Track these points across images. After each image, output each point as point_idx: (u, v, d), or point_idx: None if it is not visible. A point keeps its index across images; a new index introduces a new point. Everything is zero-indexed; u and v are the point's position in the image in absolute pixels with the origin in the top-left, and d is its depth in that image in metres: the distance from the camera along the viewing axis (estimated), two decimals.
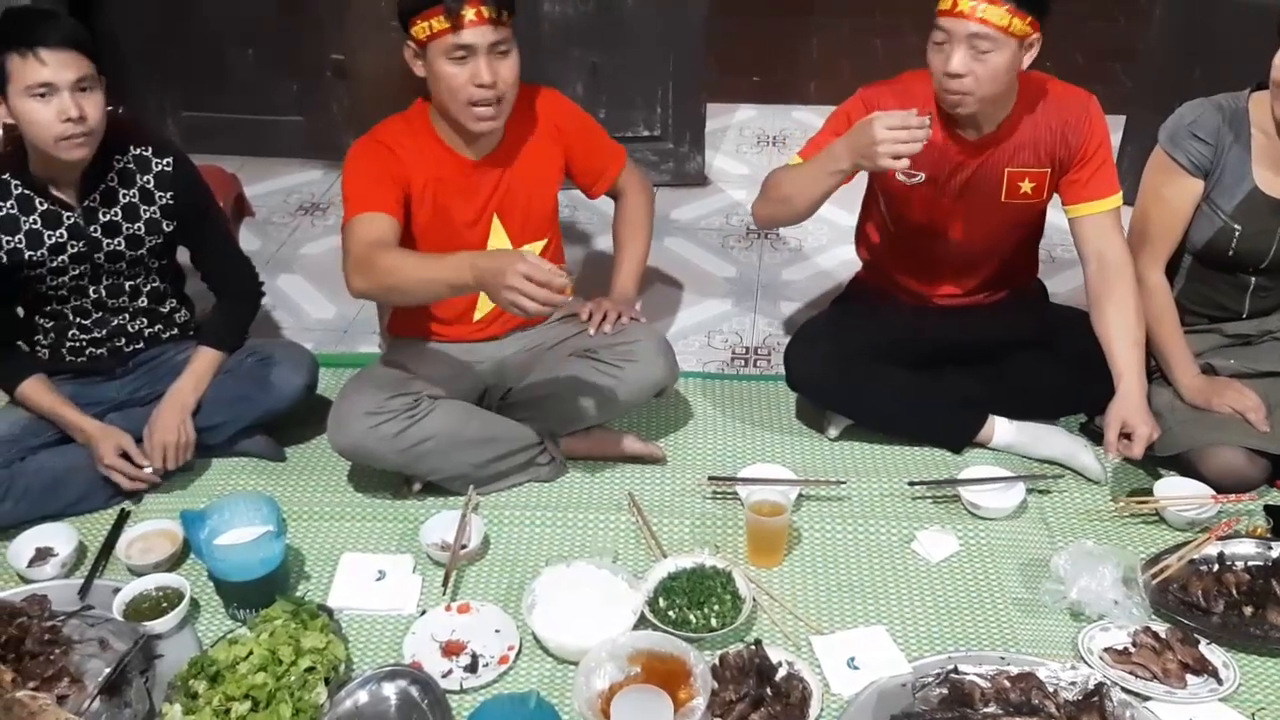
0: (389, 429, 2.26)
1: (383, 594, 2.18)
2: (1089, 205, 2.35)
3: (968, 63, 2.14)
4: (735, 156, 3.99)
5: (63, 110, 2.10)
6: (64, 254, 2.29)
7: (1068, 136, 2.31)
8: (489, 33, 2.14)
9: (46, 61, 2.08)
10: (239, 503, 2.23)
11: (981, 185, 2.36)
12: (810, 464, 2.51)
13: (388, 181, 2.24)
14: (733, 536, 2.31)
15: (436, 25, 2.13)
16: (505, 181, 2.35)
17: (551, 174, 2.44)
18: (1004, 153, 2.32)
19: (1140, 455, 2.26)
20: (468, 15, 2.11)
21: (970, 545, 2.28)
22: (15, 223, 2.24)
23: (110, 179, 2.29)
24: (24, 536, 2.27)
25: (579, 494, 2.45)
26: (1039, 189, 2.37)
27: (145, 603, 2.12)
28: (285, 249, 3.47)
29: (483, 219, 2.35)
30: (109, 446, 2.34)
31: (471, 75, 2.16)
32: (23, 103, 2.10)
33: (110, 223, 2.31)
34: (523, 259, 1.92)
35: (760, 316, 3.10)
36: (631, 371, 2.40)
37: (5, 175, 2.24)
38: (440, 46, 2.15)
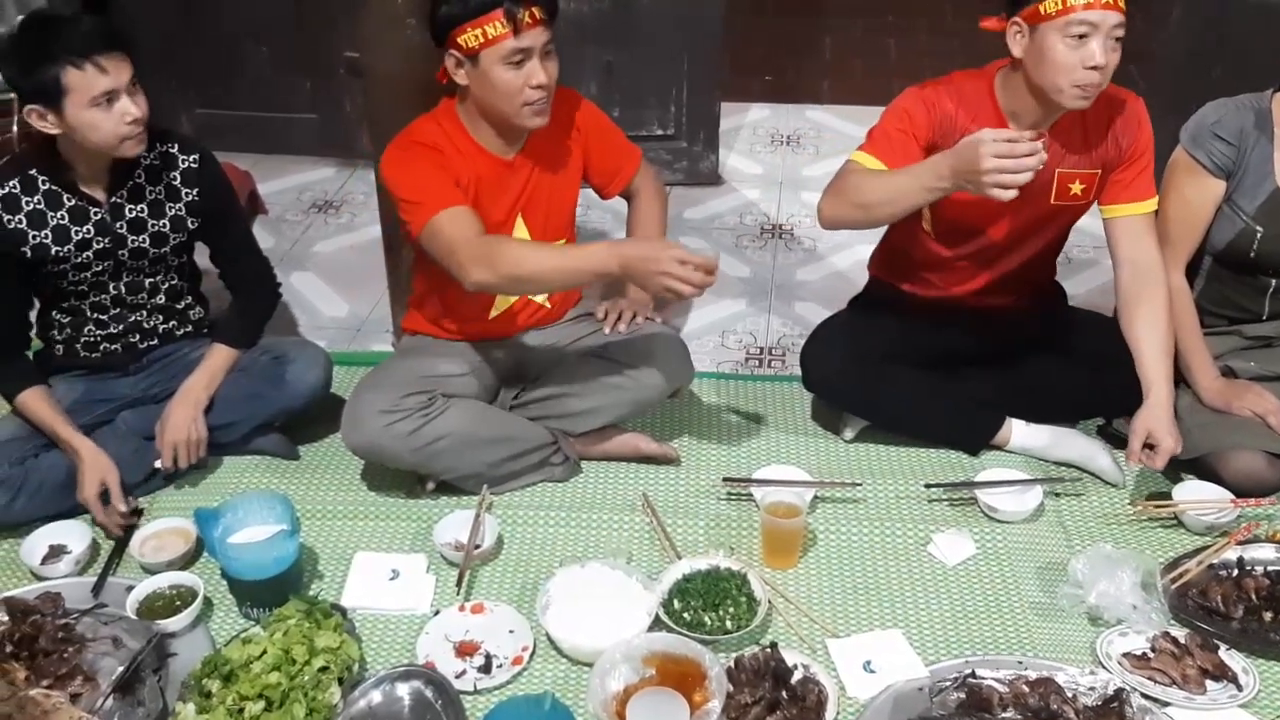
0: (403, 427, 2.26)
1: (396, 593, 2.18)
2: (1127, 207, 2.33)
3: (1106, 54, 2.08)
4: (749, 156, 3.98)
5: (125, 113, 2.12)
6: (89, 250, 2.28)
7: (1119, 137, 2.29)
8: (542, 34, 2.15)
9: (107, 69, 2.08)
10: (253, 501, 2.23)
11: (1032, 185, 2.26)
12: (825, 466, 2.50)
13: (448, 177, 2.23)
14: (747, 538, 2.29)
15: (493, 31, 2.11)
16: (532, 181, 2.35)
17: (573, 174, 2.43)
18: (1055, 154, 2.26)
19: (1162, 467, 2.25)
20: (524, 19, 2.11)
21: (987, 548, 2.27)
22: (42, 218, 2.23)
23: (138, 175, 2.29)
24: (37, 534, 2.27)
25: (592, 494, 2.44)
26: (1088, 190, 2.34)
27: (158, 601, 2.11)
28: (298, 247, 3.47)
29: (510, 218, 2.34)
30: (93, 479, 2.26)
31: (527, 77, 2.15)
32: (84, 113, 2.10)
33: (136, 219, 2.31)
34: (674, 245, 2.03)
35: (774, 317, 3.09)
36: (646, 372, 2.39)
37: (32, 171, 2.24)
38: (498, 52, 2.13)
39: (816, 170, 3.85)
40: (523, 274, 2.13)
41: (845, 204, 2.23)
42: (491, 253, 2.12)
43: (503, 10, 2.10)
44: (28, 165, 2.25)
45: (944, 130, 2.24)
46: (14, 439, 2.32)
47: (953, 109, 2.24)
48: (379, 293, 3.08)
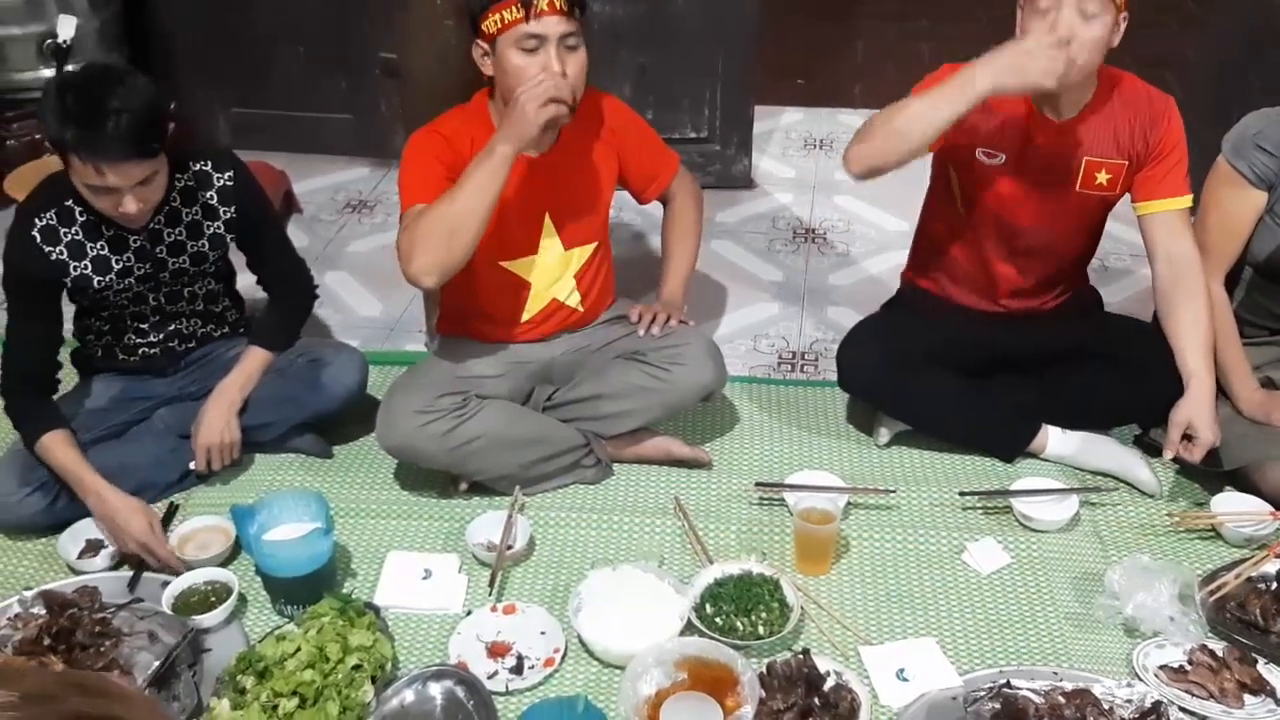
0: (438, 428, 2.26)
1: (428, 593, 2.18)
2: (1162, 203, 2.31)
3: (1078, 24, 2.07)
4: (782, 159, 3.97)
5: (120, 204, 2.08)
6: (130, 277, 2.28)
7: (1147, 132, 2.27)
8: (560, 23, 2.13)
9: (106, 173, 2.03)
10: (288, 499, 2.24)
11: (1059, 170, 2.32)
12: (858, 472, 2.49)
13: (442, 171, 2.23)
14: (779, 543, 2.29)
15: (509, 16, 2.12)
16: (560, 181, 2.34)
17: (606, 178, 2.43)
18: (1083, 139, 2.28)
19: (1198, 459, 2.22)
20: (540, 4, 2.11)
21: (1022, 557, 2.25)
22: (82, 249, 2.23)
23: (173, 199, 2.27)
24: (74, 528, 2.29)
25: (624, 497, 2.43)
26: (1114, 182, 2.32)
27: (194, 596, 2.13)
28: (332, 246, 3.48)
29: (535, 217, 2.34)
30: (139, 525, 2.17)
31: (542, 65, 2.14)
32: (81, 187, 2.10)
33: (175, 243, 2.30)
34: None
35: (807, 321, 3.08)
36: (679, 375, 2.39)
37: (68, 202, 2.20)
38: (511, 37, 2.13)
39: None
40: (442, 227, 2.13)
41: (872, 136, 2.16)
42: (413, 229, 2.15)
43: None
44: (63, 195, 2.20)
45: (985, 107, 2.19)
46: None
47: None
48: (412, 293, 3.09)
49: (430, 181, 2.22)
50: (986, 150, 2.33)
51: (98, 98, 2.00)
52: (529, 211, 2.33)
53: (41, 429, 2.26)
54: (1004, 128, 2.30)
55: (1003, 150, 2.31)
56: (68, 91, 2.03)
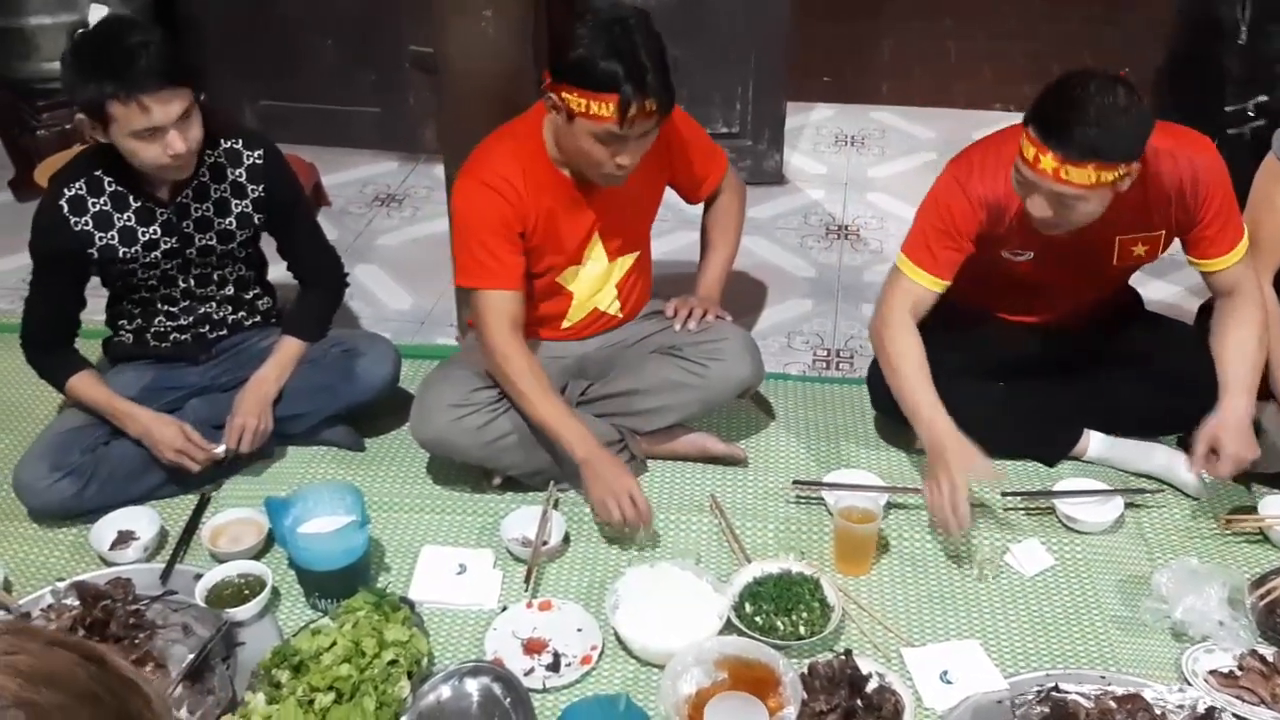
0: (472, 422, 2.24)
1: (464, 588, 2.16)
2: (1219, 261, 2.21)
3: (1051, 211, 2.01)
4: (813, 155, 3.93)
5: (168, 146, 2.07)
6: (156, 250, 2.27)
7: (1184, 201, 2.15)
8: (646, 125, 2.06)
9: (150, 108, 2.02)
10: (323, 491, 2.22)
11: (1092, 254, 2.24)
12: (897, 471, 2.45)
13: (509, 240, 2.19)
14: (818, 542, 2.25)
15: (598, 110, 2.02)
16: (612, 203, 2.29)
17: (656, 193, 2.40)
18: (1113, 223, 2.13)
19: (1227, 474, 2.18)
20: (634, 110, 2.01)
21: (1066, 559, 2.21)
22: (109, 220, 2.22)
23: (202, 174, 2.26)
24: (106, 519, 2.27)
25: (660, 494, 2.40)
26: (1153, 250, 2.26)
27: (227, 589, 2.11)
28: (362, 239, 3.46)
29: (585, 232, 2.30)
30: (174, 431, 2.29)
31: (613, 155, 2.09)
32: (127, 141, 2.07)
33: (202, 218, 2.29)
34: (636, 488, 2.18)
35: (842, 319, 3.04)
36: (717, 370, 2.35)
37: (98, 172, 2.21)
38: (593, 129, 2.05)
39: (882, 171, 3.80)
40: (513, 397, 2.25)
41: (881, 361, 2.30)
42: (507, 366, 2.21)
43: (619, 97, 2.00)
44: (94, 165, 2.21)
45: (989, 217, 2.18)
46: (84, 426, 2.33)
47: (993, 192, 2.15)
48: (442, 287, 3.07)
49: (502, 264, 2.18)
50: (1012, 250, 2.25)
51: (120, 40, 2.03)
52: (579, 227, 2.29)
53: (68, 372, 2.32)
54: (1024, 228, 2.16)
55: (1029, 249, 2.23)
56: (87, 47, 2.05)
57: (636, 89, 2.00)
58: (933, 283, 2.23)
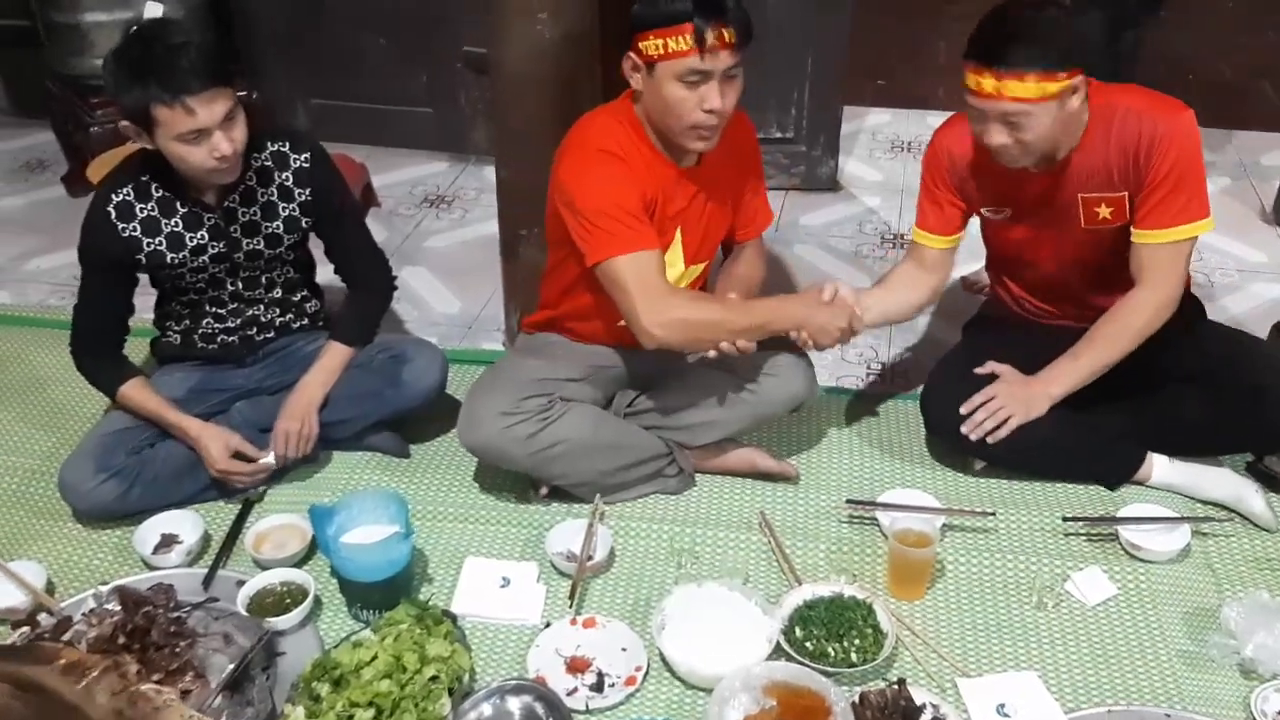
0: (522, 430, 2.20)
1: (506, 602, 2.12)
2: (1148, 234, 2.17)
3: (1006, 134, 2.06)
4: (868, 162, 3.86)
5: (214, 148, 2.05)
6: (204, 255, 2.26)
7: (1139, 159, 2.12)
8: (728, 58, 2.02)
9: (195, 110, 2.01)
10: (368, 500, 2.18)
11: (1060, 212, 2.24)
12: (953, 492, 2.38)
13: (639, 202, 2.11)
14: (870, 565, 2.19)
15: (675, 45, 1.99)
16: (700, 197, 2.24)
17: (733, 201, 2.35)
18: (1074, 179, 2.19)
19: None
20: (710, 39, 1.98)
21: (1129, 589, 2.13)
22: (156, 225, 2.21)
23: (249, 178, 2.25)
24: (150, 522, 2.26)
25: (708, 510, 2.35)
26: (1118, 213, 2.20)
27: (269, 598, 2.08)
28: (410, 241, 3.44)
29: (669, 228, 2.24)
30: (220, 448, 2.28)
31: (700, 100, 2.04)
32: (173, 145, 2.06)
33: (250, 222, 2.27)
34: (850, 311, 2.23)
35: (897, 332, 2.96)
36: (770, 385, 2.30)
37: (145, 177, 2.20)
38: (675, 68, 2.01)
39: None
40: (715, 335, 2.14)
41: None
42: (689, 320, 2.10)
43: (692, 25, 1.97)
44: (141, 171, 2.20)
45: (960, 173, 2.30)
46: (130, 428, 2.32)
47: (964, 149, 2.27)
48: (490, 291, 3.04)
49: (636, 224, 2.08)
50: (990, 209, 2.32)
51: (162, 42, 2.02)
52: (666, 221, 2.23)
53: (119, 380, 2.31)
54: (996, 185, 2.27)
55: (1006, 205, 2.29)
56: (128, 52, 2.04)
57: (710, 15, 1.98)
58: (926, 237, 2.39)
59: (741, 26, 2.02)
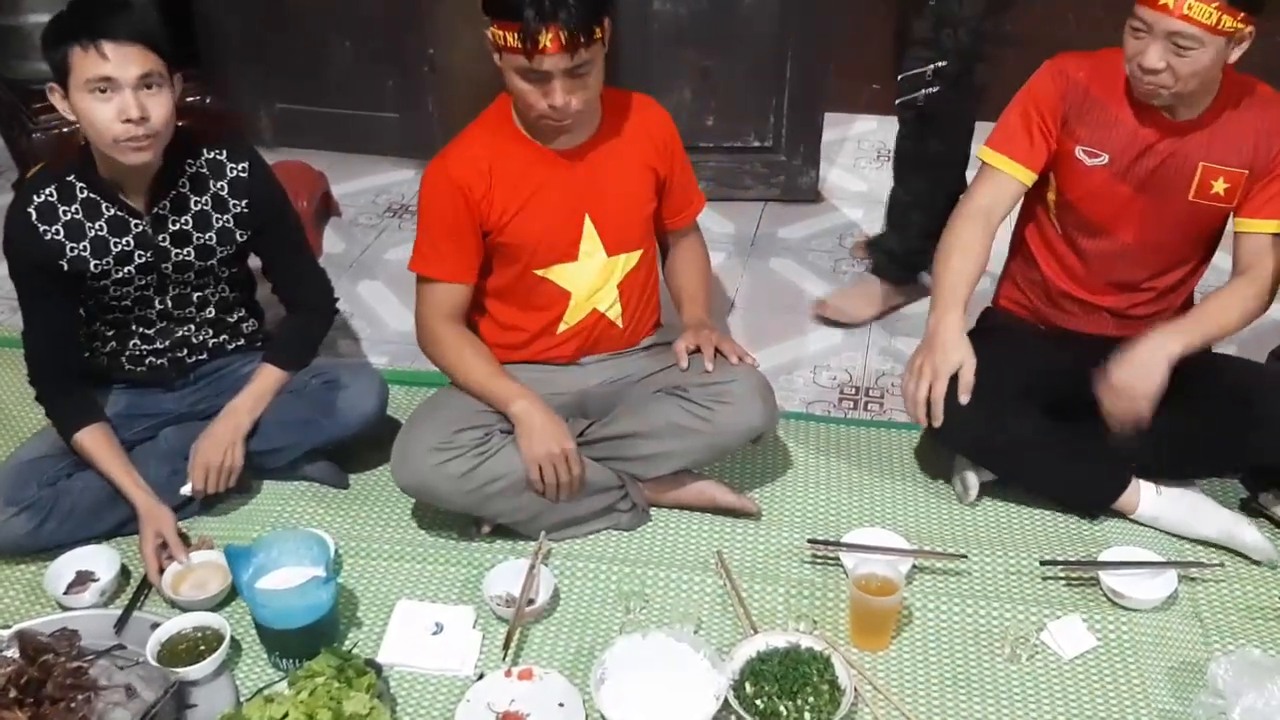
0: (456, 467, 2.06)
1: (438, 651, 1.97)
2: (1264, 223, 2.09)
3: (1166, 57, 1.92)
4: (852, 171, 3.70)
5: (123, 109, 1.92)
6: (130, 264, 2.12)
7: (1272, 141, 2.05)
8: (563, 60, 1.89)
9: (109, 56, 1.90)
10: (289, 540, 2.03)
11: (1171, 176, 2.09)
12: (925, 529, 2.22)
13: (461, 235, 2.11)
14: (833, 610, 2.04)
15: (510, 40, 1.90)
16: (601, 180, 2.13)
17: (647, 186, 2.21)
18: (1201, 143, 2.07)
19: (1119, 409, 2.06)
20: (544, 41, 1.86)
21: (1110, 640, 1.98)
22: (80, 229, 2.07)
23: (181, 184, 2.11)
24: (65, 558, 2.11)
25: (661, 548, 2.20)
26: (1232, 192, 2.09)
27: (182, 644, 1.94)
28: (369, 253, 3.30)
29: (575, 219, 2.14)
30: (149, 532, 2.10)
31: (544, 94, 1.95)
32: (82, 98, 1.93)
33: (180, 231, 2.14)
34: (574, 451, 2.11)
35: (873, 352, 2.81)
36: (724, 414, 2.14)
37: (70, 177, 2.07)
38: (512, 62, 1.93)
39: None
40: (449, 374, 2.21)
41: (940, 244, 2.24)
42: (439, 345, 2.20)
43: (519, 26, 1.86)
44: (66, 171, 2.08)
45: (1074, 99, 2.13)
46: (45, 457, 2.17)
47: (1085, 77, 2.12)
48: None
49: (448, 252, 2.13)
50: (1088, 149, 2.14)
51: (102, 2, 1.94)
52: (568, 212, 2.13)
53: (77, 423, 2.16)
54: (1109, 123, 2.11)
55: (1106, 149, 2.12)
56: (68, 8, 1.96)
57: (539, 16, 1.84)
58: (1016, 169, 2.18)
59: (580, 25, 1.87)
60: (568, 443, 2.09)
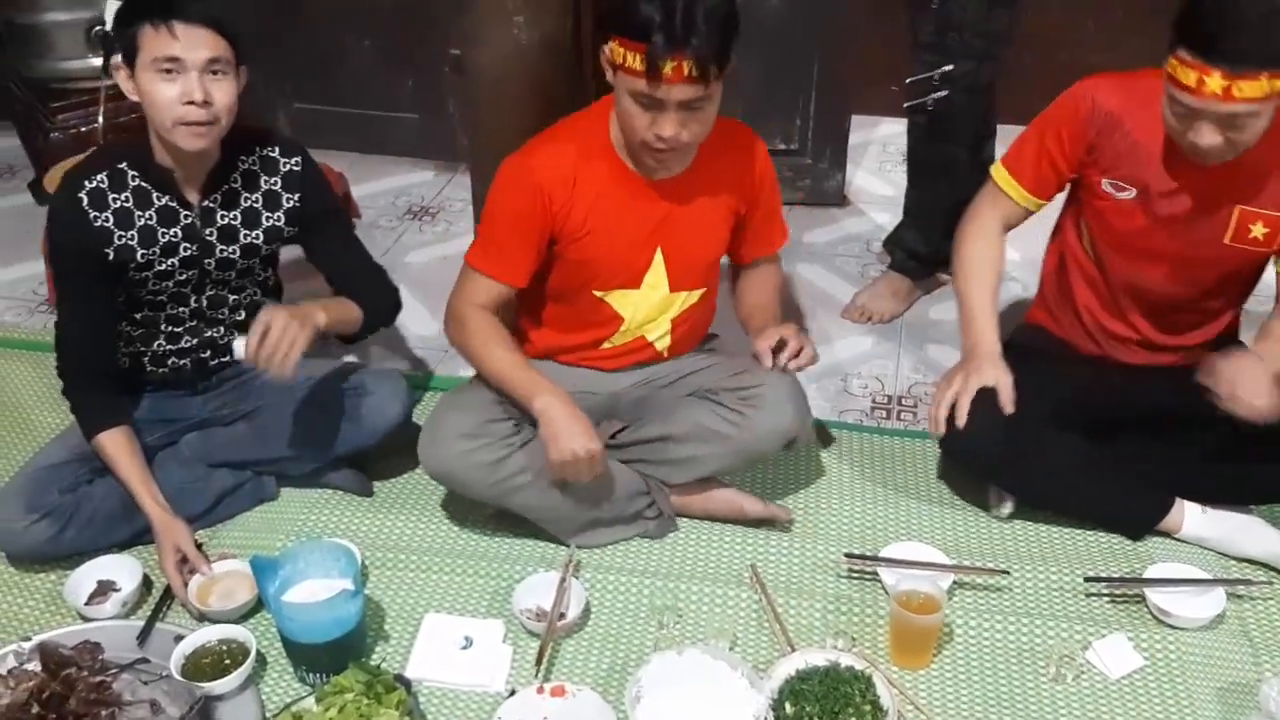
0: (484, 456, 2.02)
1: (468, 666, 1.93)
2: None
3: (1221, 134, 1.82)
4: (878, 175, 3.65)
5: (186, 91, 1.89)
6: (175, 256, 2.08)
7: None
8: (686, 90, 1.80)
9: (178, 36, 1.87)
10: (315, 551, 1.98)
11: (1205, 218, 2.01)
12: (965, 544, 2.17)
13: (528, 237, 2.02)
14: (871, 627, 1.99)
15: (631, 62, 1.80)
16: (683, 214, 2.06)
17: (726, 228, 2.15)
18: (1237, 185, 1.96)
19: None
20: (667, 68, 1.77)
21: (1157, 660, 1.92)
22: (129, 217, 2.03)
23: (234, 180, 2.09)
24: (85, 568, 2.07)
25: (692, 561, 2.15)
26: (1271, 236, 2.00)
27: (206, 657, 1.89)
28: (390, 256, 3.25)
29: (647, 249, 2.07)
30: (168, 547, 2.05)
31: (654, 123, 1.86)
32: (148, 77, 1.90)
33: (228, 227, 2.10)
34: (600, 454, 1.99)
35: (905, 360, 2.76)
36: (755, 419, 2.09)
37: (122, 164, 2.03)
38: (629, 84, 1.84)
39: None
40: (470, 361, 2.12)
41: (954, 262, 2.22)
42: (465, 332, 2.09)
43: (645, 49, 1.77)
44: (118, 158, 2.05)
45: (1102, 128, 2.04)
46: (66, 463, 2.13)
47: (1117, 107, 2.02)
48: None
49: (508, 250, 2.04)
50: (1115, 182, 2.05)
51: None
52: (642, 241, 2.06)
53: (101, 424, 2.10)
54: (1140, 158, 2.01)
55: (1135, 184, 2.03)
56: None
57: (669, 41, 1.75)
58: (1022, 196, 2.15)
59: (710, 57, 1.78)
60: (594, 444, 2.00)
